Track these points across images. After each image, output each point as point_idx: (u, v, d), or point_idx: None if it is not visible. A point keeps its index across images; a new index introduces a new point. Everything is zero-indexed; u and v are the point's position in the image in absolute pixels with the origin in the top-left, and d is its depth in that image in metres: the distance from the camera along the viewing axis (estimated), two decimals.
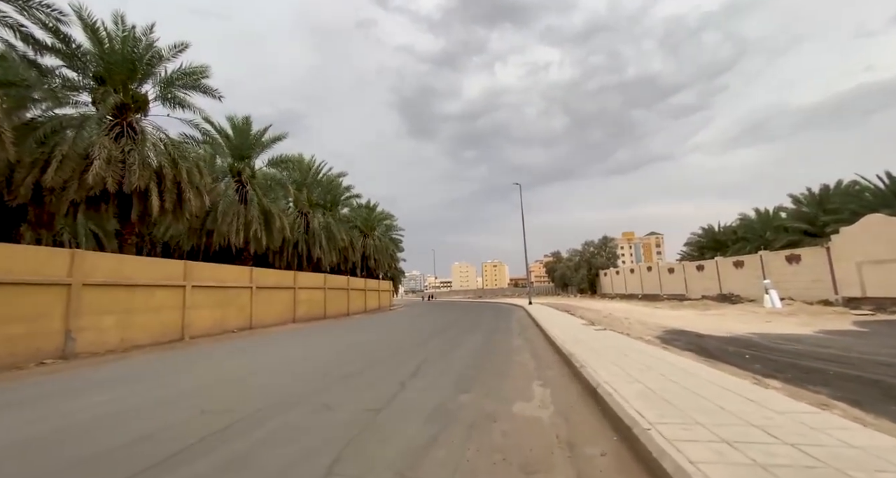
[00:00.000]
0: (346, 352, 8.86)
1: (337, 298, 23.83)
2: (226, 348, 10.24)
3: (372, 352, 8.59)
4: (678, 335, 10.17)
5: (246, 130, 19.54)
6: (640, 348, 6.81)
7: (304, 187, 24.57)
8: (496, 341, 9.90)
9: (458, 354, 7.92)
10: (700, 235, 37.23)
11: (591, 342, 7.85)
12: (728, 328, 11.58)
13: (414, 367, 6.51)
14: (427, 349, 8.72)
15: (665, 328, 11.94)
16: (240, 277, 15.25)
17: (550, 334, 9.74)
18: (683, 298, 31.76)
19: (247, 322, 15.37)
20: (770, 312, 16.93)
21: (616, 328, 11.75)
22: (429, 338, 11.04)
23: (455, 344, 9.50)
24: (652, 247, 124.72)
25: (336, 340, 11.54)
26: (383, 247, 37.35)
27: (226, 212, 17.69)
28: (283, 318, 17.95)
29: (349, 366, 6.84)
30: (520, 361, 6.97)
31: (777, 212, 30.26)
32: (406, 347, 9.34)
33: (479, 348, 8.64)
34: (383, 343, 10.39)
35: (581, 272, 51.42)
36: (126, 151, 12.37)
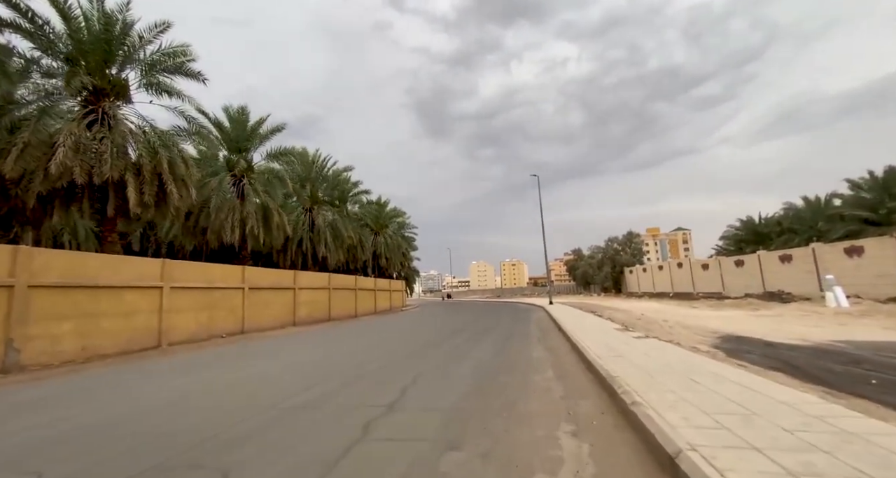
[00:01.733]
0: (325, 364, 7.28)
1: (343, 299, 22.48)
2: (197, 359, 8.86)
3: (358, 365, 6.97)
4: (740, 344, 8.12)
5: (242, 121, 18.39)
6: (709, 368, 4.90)
7: (307, 182, 23.35)
8: (511, 352, 8.12)
9: (461, 370, 6.20)
10: (738, 227, 34.08)
11: (636, 356, 5.97)
12: (799, 334, 9.39)
13: (398, 390, 4.84)
14: (425, 362, 7.04)
15: (718, 334, 9.85)
16: (230, 277, 13.99)
17: (578, 342, 7.89)
18: (721, 296, 28.98)
19: (238, 326, 14.09)
20: (837, 312, 14.41)
21: (657, 334, 9.75)
22: (431, 346, 9.36)
23: (460, 355, 7.78)
24: (679, 243, 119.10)
25: (325, 348, 10.02)
26: (395, 245, 35.95)
27: (220, 207, 16.54)
28: (282, 320, 16.65)
29: (316, 387, 5.23)
30: (541, 383, 5.19)
31: (829, 199, 27.07)
32: (400, 358, 7.69)
33: (488, 362, 6.90)
34: (377, 352, 8.78)
35: (604, 270, 48.63)
36: (99, 138, 11.24)
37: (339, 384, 5.40)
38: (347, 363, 7.31)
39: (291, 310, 17.49)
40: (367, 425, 3.62)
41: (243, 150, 18.57)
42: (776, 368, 5.22)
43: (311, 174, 23.82)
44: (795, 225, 27.92)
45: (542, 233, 28.05)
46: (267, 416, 4.04)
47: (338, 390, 5.09)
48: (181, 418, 4.09)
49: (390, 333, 13.41)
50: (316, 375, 6.26)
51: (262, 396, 4.92)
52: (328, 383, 5.46)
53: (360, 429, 3.53)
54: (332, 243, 23.68)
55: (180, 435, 3.55)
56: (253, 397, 4.90)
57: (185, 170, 13.60)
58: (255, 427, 3.70)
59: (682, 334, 9.92)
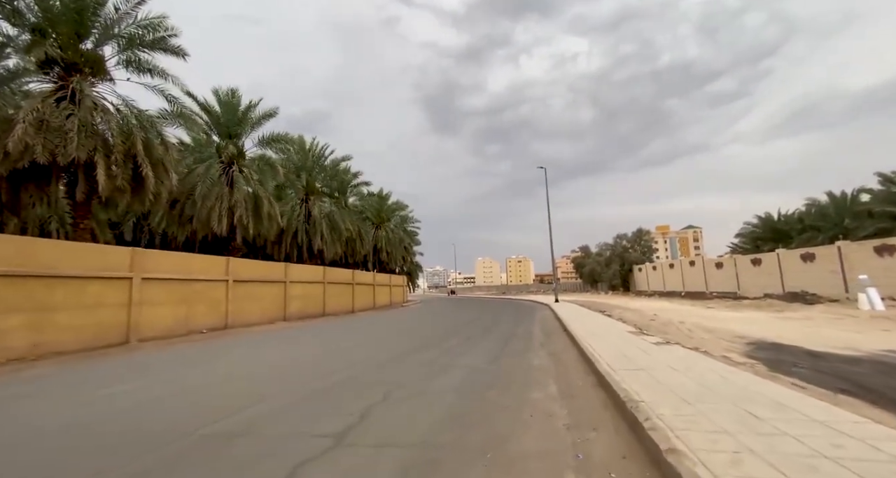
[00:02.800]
0: (291, 370, 6.30)
1: (339, 294, 21.57)
2: (158, 359, 7.95)
3: (327, 373, 5.98)
4: (779, 353, 6.95)
5: (233, 105, 17.44)
6: (761, 390, 3.78)
7: (303, 172, 22.39)
8: (509, 358, 7.05)
9: (447, 383, 5.16)
10: (755, 224, 32.41)
11: (659, 369, 4.87)
12: (842, 341, 8.18)
13: (359, 413, 3.81)
14: (406, 371, 6.01)
15: (746, 339, 8.67)
16: (211, 269, 13.10)
17: (587, 348, 6.80)
18: (736, 296, 27.58)
19: (221, 321, 13.22)
20: (873, 315, 13.07)
21: (677, 338, 8.60)
22: (421, 348, 8.33)
23: (450, 361, 6.74)
24: (689, 241, 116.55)
25: (303, 348, 9.05)
26: (397, 239, 34.99)
27: (206, 195, 15.64)
28: (271, 315, 15.77)
29: (262, 404, 4.23)
30: (541, 404, 4.12)
31: (857, 195, 25.39)
32: (380, 363, 6.67)
33: (480, 372, 5.84)
34: (357, 355, 7.78)
35: (612, 268, 47.17)
36: (65, 115, 10.33)
37: (292, 400, 4.39)
38: (316, 369, 6.31)
39: (282, 304, 16.61)
40: (293, 471, 2.59)
41: (234, 135, 17.63)
42: (845, 390, 4.09)
43: (308, 163, 22.84)
44: (819, 222, 26.29)
45: (549, 228, 26.81)
46: (172, 449, 3.03)
47: (286, 408, 4.08)
48: (64, 453, 3.10)
49: (381, 332, 12.42)
50: (272, 385, 5.27)
51: (191, 415, 3.92)
52: (279, 399, 4.46)
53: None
54: (328, 236, 22.75)
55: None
56: (176, 417, 3.90)
57: (165, 153, 12.69)
58: (143, 470, 2.70)
59: (704, 340, 8.77)
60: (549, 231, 26.93)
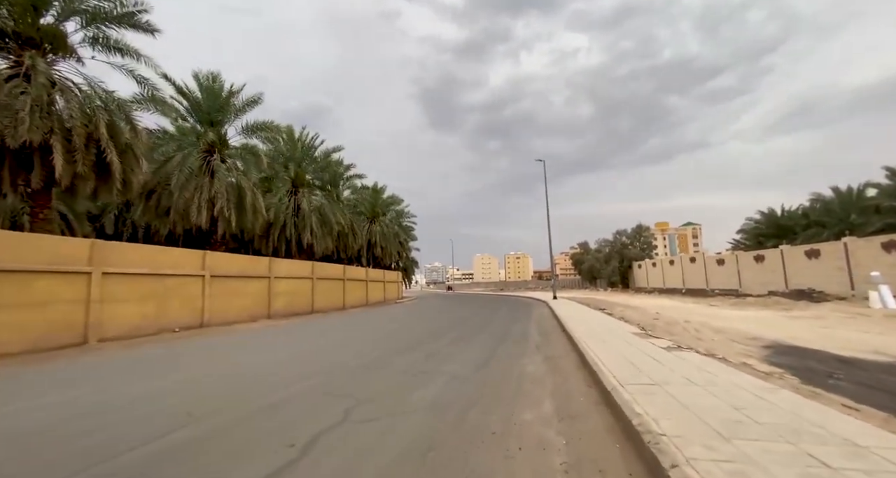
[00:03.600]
0: (256, 376, 5.48)
1: (329, 290, 20.74)
2: (108, 364, 7.14)
3: (292, 382, 5.17)
4: (803, 358, 6.17)
5: (215, 90, 16.46)
6: (814, 418, 2.99)
7: (291, 162, 21.45)
8: (500, 363, 6.26)
9: (421, 397, 4.35)
10: (758, 220, 31.68)
11: (676, 384, 4.07)
12: (866, 343, 7.42)
13: (304, 441, 3.01)
14: (376, 381, 5.22)
15: (760, 341, 7.90)
16: (186, 263, 12.23)
17: (587, 353, 6.02)
18: (738, 293, 26.96)
19: (197, 318, 12.37)
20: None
21: (685, 340, 7.83)
22: (404, 350, 7.53)
23: (432, 367, 5.93)
24: (688, 238, 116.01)
25: (280, 349, 8.22)
26: (391, 234, 34.11)
27: (184, 185, 14.72)
28: (253, 312, 14.93)
29: (190, 427, 3.42)
30: (532, 431, 3.32)
31: (862, 190, 24.65)
32: (350, 371, 5.86)
33: (464, 382, 5.05)
34: (327, 360, 6.97)
35: (612, 264, 46.47)
36: (17, 94, 9.41)
37: (229, 421, 3.58)
38: (281, 376, 5.49)
39: (266, 301, 15.77)
40: None
41: (216, 123, 16.67)
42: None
43: (296, 154, 21.88)
44: (824, 218, 25.57)
45: (548, 222, 26.00)
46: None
47: (214, 435, 3.26)
48: None
49: (367, 331, 11.61)
50: (217, 398, 4.45)
51: (83, 448, 3.10)
52: (214, 419, 3.64)
53: None
54: (318, 230, 21.86)
55: None
56: (65, 450, 3.08)
57: (134, 138, 11.78)
58: None
59: (715, 342, 8.00)
60: (547, 226, 26.15)
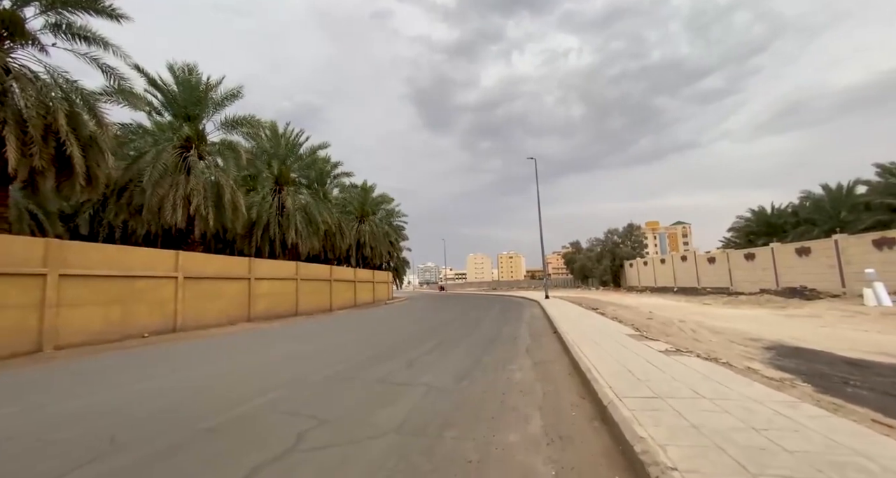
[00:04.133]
0: (206, 392, 4.89)
1: (315, 291, 20.06)
2: (46, 378, 6.47)
3: (244, 399, 4.60)
4: (810, 361, 5.76)
5: (192, 83, 15.71)
6: (855, 445, 2.50)
7: (275, 159, 20.72)
8: (485, 371, 5.75)
9: (393, 414, 3.82)
10: (748, 218, 31.69)
11: (682, 397, 3.59)
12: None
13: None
14: (349, 392, 4.67)
15: (761, 342, 7.51)
16: (157, 264, 11.52)
17: (581, 358, 5.54)
18: (729, 291, 26.90)
19: (169, 323, 11.67)
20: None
21: (682, 342, 7.41)
22: (384, 356, 6.99)
23: (410, 377, 5.40)
24: (678, 237, 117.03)
25: (248, 357, 7.60)
26: (381, 233, 33.45)
27: (158, 182, 13.97)
28: (232, 315, 14.23)
29: (87, 467, 2.84)
30: (516, 455, 2.81)
31: (852, 187, 24.69)
32: (319, 383, 5.30)
33: (443, 393, 4.53)
34: (304, 366, 6.39)
35: (604, 263, 46.36)
36: None
37: (144, 457, 3.00)
38: (235, 391, 4.91)
39: (246, 303, 15.08)
40: None
41: (193, 117, 15.92)
42: None
43: (280, 151, 21.15)
44: (814, 215, 25.58)
45: (539, 220, 25.59)
46: None
47: (109, 476, 2.68)
48: None
49: (348, 335, 11.03)
50: (147, 423, 3.86)
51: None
52: (125, 455, 3.06)
53: None
54: (304, 229, 21.16)
55: None
56: None
57: (99, 131, 11.04)
58: None
59: (713, 343, 7.59)
60: (539, 225, 25.75)
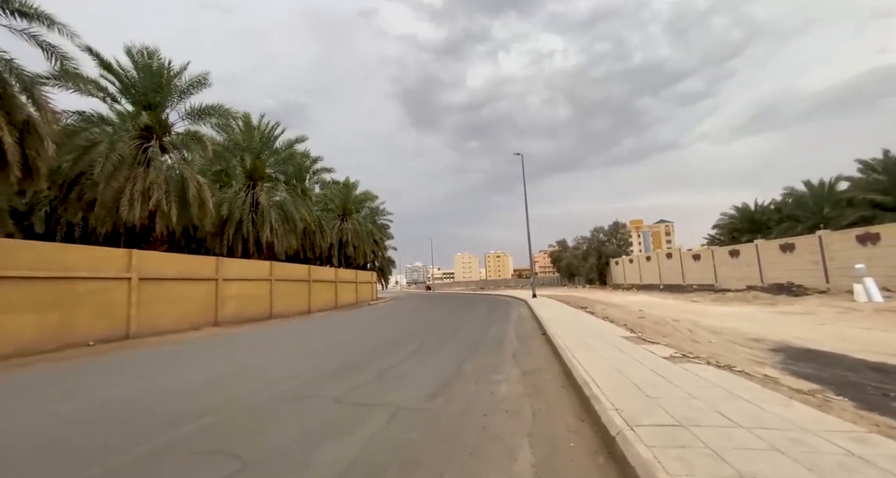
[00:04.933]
0: (127, 415, 3.98)
1: (291, 293, 18.97)
2: None
3: (169, 425, 3.71)
4: (828, 366, 5.15)
5: (154, 69, 14.45)
6: None
7: (247, 153, 19.53)
8: (465, 383, 4.97)
9: (343, 449, 3.00)
10: (733, 215, 31.84)
11: (719, 430, 2.87)
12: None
13: None
14: (298, 417, 3.83)
15: (766, 344, 6.93)
16: (104, 264, 10.36)
17: (575, 367, 4.82)
18: (714, 288, 26.88)
19: (121, 329, 10.52)
20: (878, 309, 11.85)
21: (684, 345, 6.78)
22: (353, 367, 6.15)
23: (376, 394, 4.58)
24: (662, 235, 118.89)
25: (197, 369, 6.65)
26: (364, 232, 32.38)
27: (113, 175, 12.73)
28: (196, 319, 13.11)
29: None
30: None
31: (834, 183, 24.89)
32: (264, 404, 4.44)
33: (412, 416, 3.73)
34: (256, 381, 5.50)
35: (590, 261, 46.27)
36: None
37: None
38: (145, 422, 4.00)
39: (212, 306, 13.95)
40: None
41: (154, 105, 14.68)
42: None
43: (254, 144, 19.95)
44: (797, 212, 25.71)
45: (526, 217, 25.01)
46: None
47: None
48: None
49: (320, 340, 10.11)
50: (12, 471, 2.96)
51: None
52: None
53: None
54: (280, 227, 20.02)
55: None
56: None
57: (43, 117, 9.85)
58: None
59: (713, 344, 6.99)
60: (526, 222, 25.17)
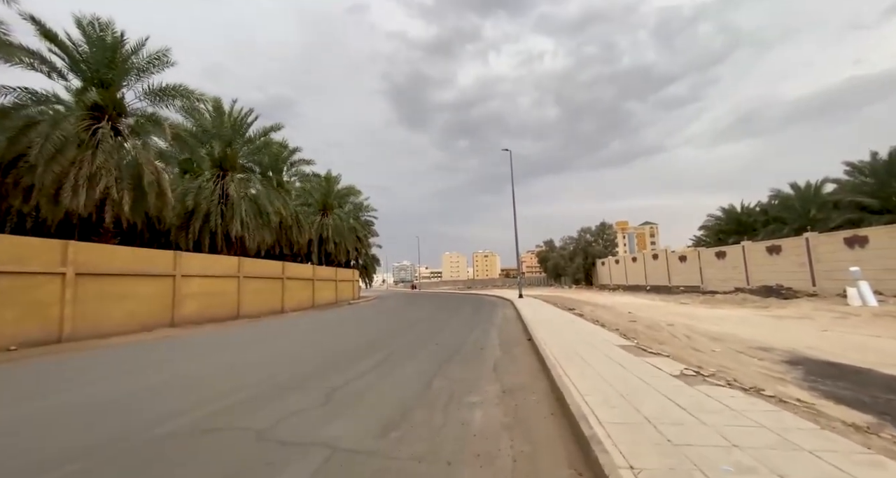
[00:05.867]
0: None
1: (262, 291, 17.73)
2: None
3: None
4: (861, 385, 4.36)
5: (108, 43, 13.03)
6: None
7: (216, 140, 18.14)
8: (430, 408, 4.03)
9: None
10: (719, 217, 31.73)
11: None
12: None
13: None
14: (205, 461, 2.80)
15: (776, 353, 6.19)
16: (32, 257, 9.04)
17: (568, 388, 3.94)
18: (700, 289, 26.62)
19: (52, 331, 9.23)
20: (875, 313, 11.38)
21: (681, 351, 5.99)
22: (305, 381, 5.14)
23: (314, 427, 3.61)
24: (646, 237, 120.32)
25: (115, 384, 5.53)
26: (346, 228, 31.13)
27: (54, 158, 11.33)
28: (147, 320, 11.82)
29: None
30: None
31: (820, 186, 24.84)
32: (152, 446, 3.41)
33: (353, 461, 2.75)
34: (173, 400, 4.45)
35: (576, 261, 45.97)
36: None
37: None
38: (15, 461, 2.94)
39: (169, 305, 12.67)
40: None
41: (107, 83, 13.27)
42: None
43: (223, 130, 18.56)
44: (785, 214, 25.61)
45: (514, 215, 24.22)
46: None
47: None
48: None
49: (278, 346, 9.03)
50: None
51: None
52: None
53: None
54: (252, 220, 18.71)
55: None
56: None
57: None
58: None
59: (717, 354, 6.21)
60: (513, 219, 24.38)
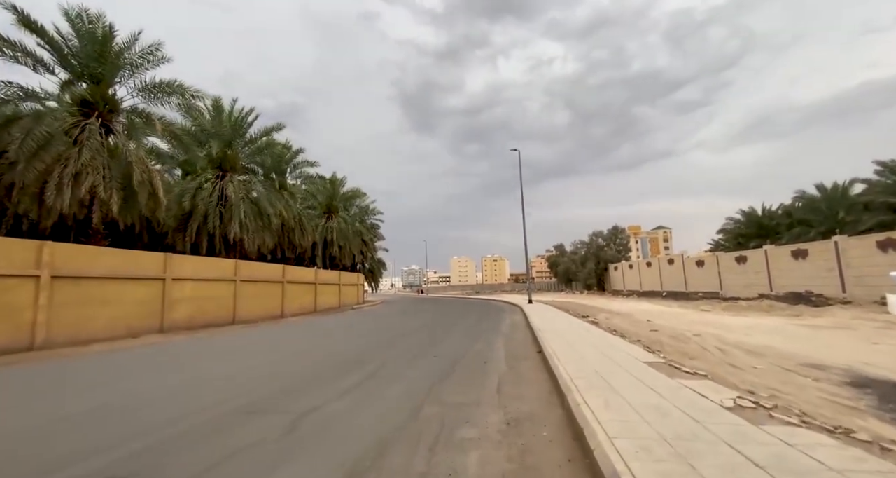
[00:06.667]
0: None
1: (261, 295, 17.07)
2: None
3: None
4: None
5: (98, 36, 12.60)
6: None
7: (215, 140, 17.65)
8: (412, 451, 3.16)
9: None
10: (738, 220, 30.30)
11: None
12: None
13: None
14: None
15: (830, 373, 5.17)
16: (3, 258, 8.46)
17: (595, 433, 3.06)
18: (719, 296, 25.23)
19: (24, 338, 8.59)
20: None
21: (717, 369, 5.02)
22: (274, 400, 4.33)
23: (263, 469, 2.75)
24: (660, 241, 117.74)
25: (57, 406, 4.81)
26: (351, 231, 30.48)
27: (37, 155, 10.85)
28: (135, 325, 11.18)
29: None
30: None
31: (848, 186, 23.42)
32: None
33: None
34: (80, 442, 3.67)
35: (588, 266, 44.60)
36: None
37: None
38: None
39: (158, 310, 12.03)
40: None
41: (98, 78, 12.83)
42: None
43: (222, 130, 18.07)
44: (811, 216, 24.19)
45: (523, 217, 23.29)
46: None
47: None
48: None
49: (259, 357, 8.25)
50: None
51: None
52: None
53: None
54: (251, 222, 18.12)
55: None
56: None
57: None
58: None
59: (760, 372, 5.22)
60: (522, 222, 23.42)
